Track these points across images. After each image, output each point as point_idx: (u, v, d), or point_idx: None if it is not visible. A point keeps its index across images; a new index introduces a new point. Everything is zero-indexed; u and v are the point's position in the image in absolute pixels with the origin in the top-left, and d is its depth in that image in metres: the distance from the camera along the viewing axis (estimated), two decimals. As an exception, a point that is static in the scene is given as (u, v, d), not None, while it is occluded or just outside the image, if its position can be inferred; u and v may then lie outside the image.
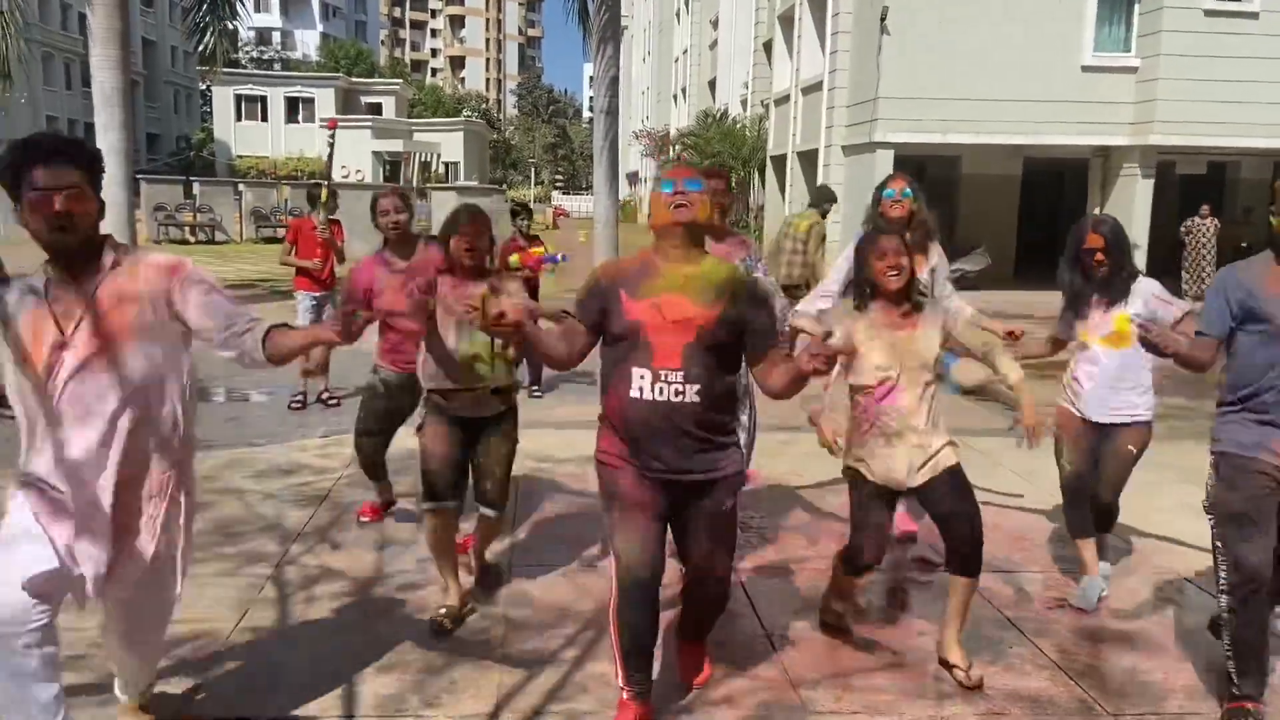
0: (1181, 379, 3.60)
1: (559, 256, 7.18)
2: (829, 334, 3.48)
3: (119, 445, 2.55)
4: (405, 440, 6.19)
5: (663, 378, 2.84)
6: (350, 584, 4.14)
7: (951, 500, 3.37)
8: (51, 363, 2.49)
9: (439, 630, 3.71)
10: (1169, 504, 5.45)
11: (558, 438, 6.66)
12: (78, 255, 2.52)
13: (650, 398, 2.85)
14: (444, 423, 3.81)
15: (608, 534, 3.05)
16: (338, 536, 4.69)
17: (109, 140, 11.54)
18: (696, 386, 2.84)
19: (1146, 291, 4.00)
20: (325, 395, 7.73)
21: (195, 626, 3.66)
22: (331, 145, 7.22)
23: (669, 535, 3.07)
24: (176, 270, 2.65)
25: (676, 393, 2.84)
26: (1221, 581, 3.15)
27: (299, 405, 7.52)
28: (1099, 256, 3.93)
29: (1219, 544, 3.18)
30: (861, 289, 3.50)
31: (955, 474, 3.40)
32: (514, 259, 7.02)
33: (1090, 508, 4.15)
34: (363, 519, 4.90)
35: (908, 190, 4.49)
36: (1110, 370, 4.00)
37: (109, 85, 11.51)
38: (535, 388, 8.33)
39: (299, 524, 4.84)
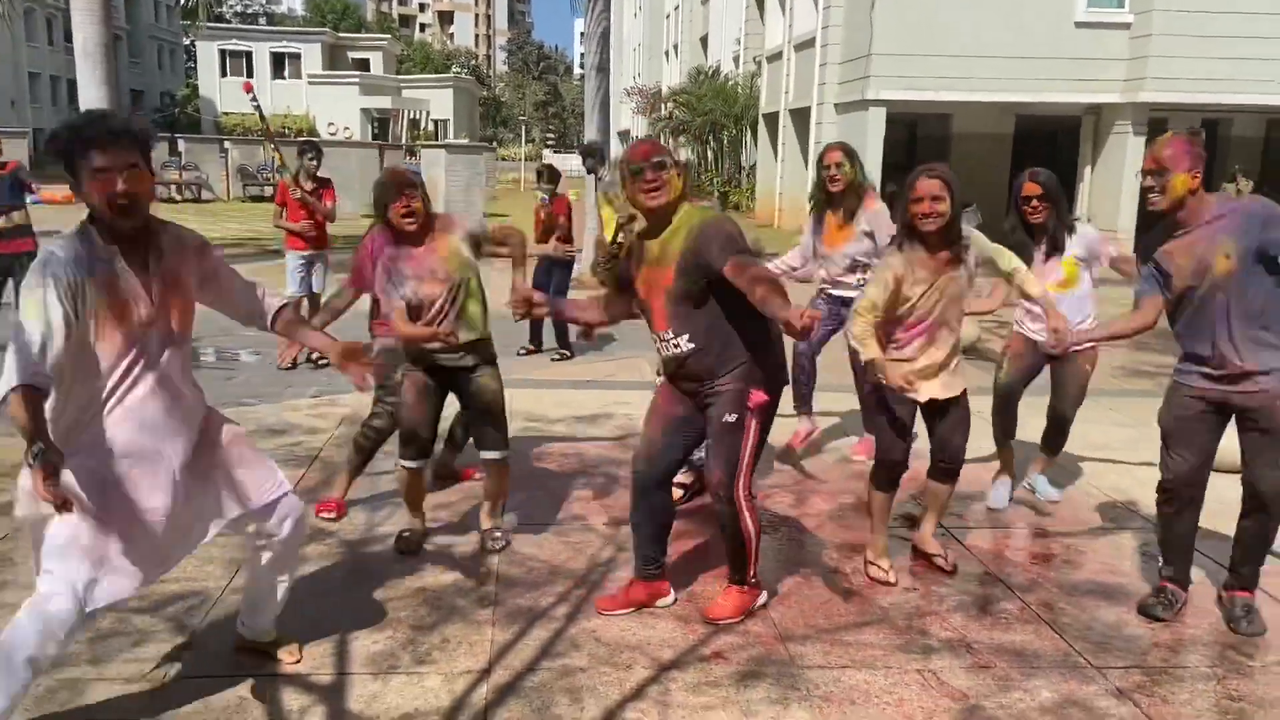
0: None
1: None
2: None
3: (182, 404, 2.74)
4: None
5: (662, 337, 3.37)
6: (341, 543, 4.16)
7: (951, 424, 3.86)
8: (139, 336, 2.59)
9: (404, 549, 4.05)
10: (1156, 459, 5.50)
11: (552, 397, 6.67)
12: (139, 231, 2.59)
13: (664, 353, 3.40)
14: (423, 376, 3.95)
15: None
16: (329, 496, 4.69)
17: (90, 96, 11.39)
18: (685, 335, 3.28)
19: (1086, 235, 4.49)
20: (316, 355, 7.71)
21: (186, 586, 3.67)
22: (256, 109, 7.19)
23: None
24: (206, 253, 2.80)
25: (674, 346, 3.32)
26: (1158, 480, 3.65)
27: (289, 365, 7.50)
28: (1035, 203, 4.36)
29: (1161, 451, 3.66)
30: (901, 231, 3.73)
31: (961, 403, 3.84)
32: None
33: (1050, 424, 4.77)
34: (323, 515, 4.41)
35: (842, 163, 4.99)
36: (1061, 311, 4.38)
37: (90, 40, 11.34)
38: (565, 351, 8.34)
39: (289, 484, 4.83)
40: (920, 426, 3.93)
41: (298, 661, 3.14)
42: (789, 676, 3.15)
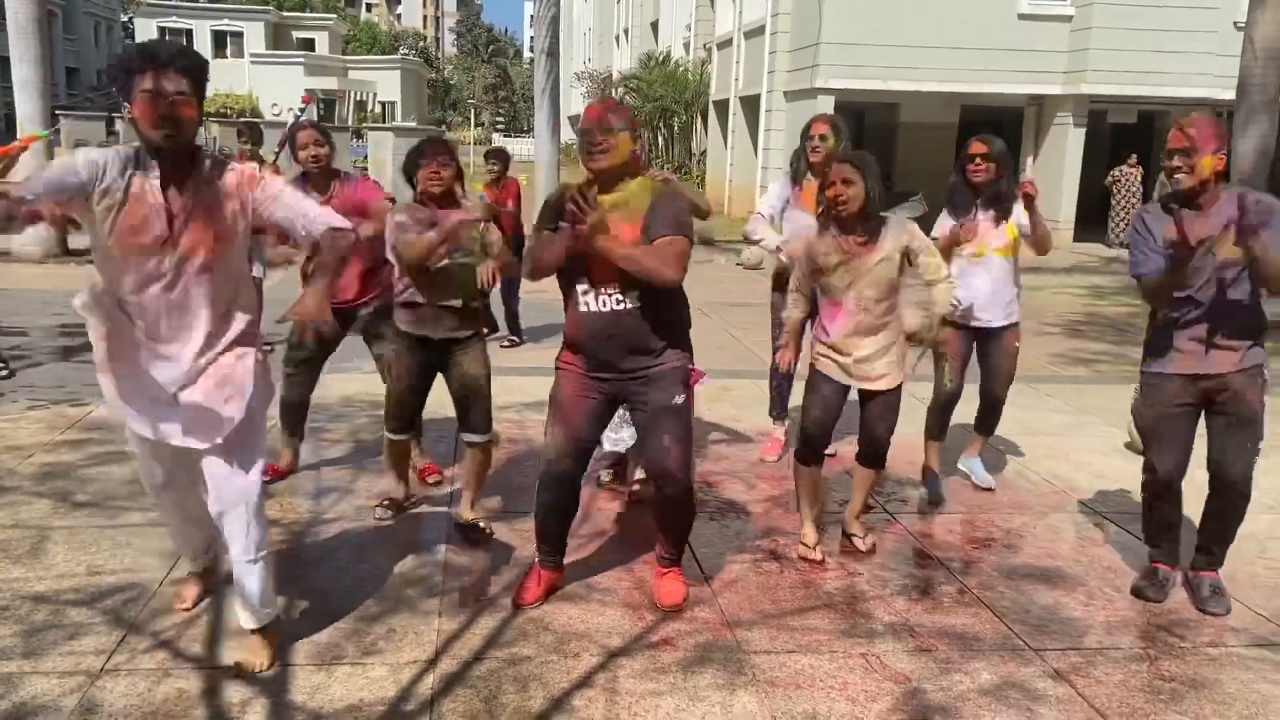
0: (1108, 325, 3.70)
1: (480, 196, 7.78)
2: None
3: (202, 331, 2.82)
4: (337, 388, 6.13)
5: (603, 291, 3.23)
6: (284, 532, 4.10)
7: (877, 413, 3.90)
8: (151, 254, 2.71)
9: (380, 518, 4.21)
10: (1092, 444, 5.64)
11: (499, 383, 6.61)
12: (180, 158, 2.72)
13: (596, 309, 3.25)
14: (413, 351, 3.99)
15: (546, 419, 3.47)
16: (270, 485, 4.62)
17: (23, 74, 11.09)
18: (635, 293, 3.22)
19: (1019, 209, 4.51)
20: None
21: (123, 578, 3.60)
22: (299, 117, 7.02)
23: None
24: (254, 181, 2.84)
25: (617, 302, 3.23)
26: (1143, 476, 3.71)
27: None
28: (978, 161, 4.42)
29: (1144, 449, 3.72)
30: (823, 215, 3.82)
31: (890, 395, 3.87)
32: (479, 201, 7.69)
33: (982, 403, 4.82)
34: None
35: (826, 135, 4.80)
36: (998, 276, 4.53)
37: (24, 16, 11.02)
38: (514, 338, 8.29)
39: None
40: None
41: (257, 670, 3.01)
42: (735, 662, 3.18)
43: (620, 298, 3.24)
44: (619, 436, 4.55)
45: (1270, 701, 3.05)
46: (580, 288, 3.29)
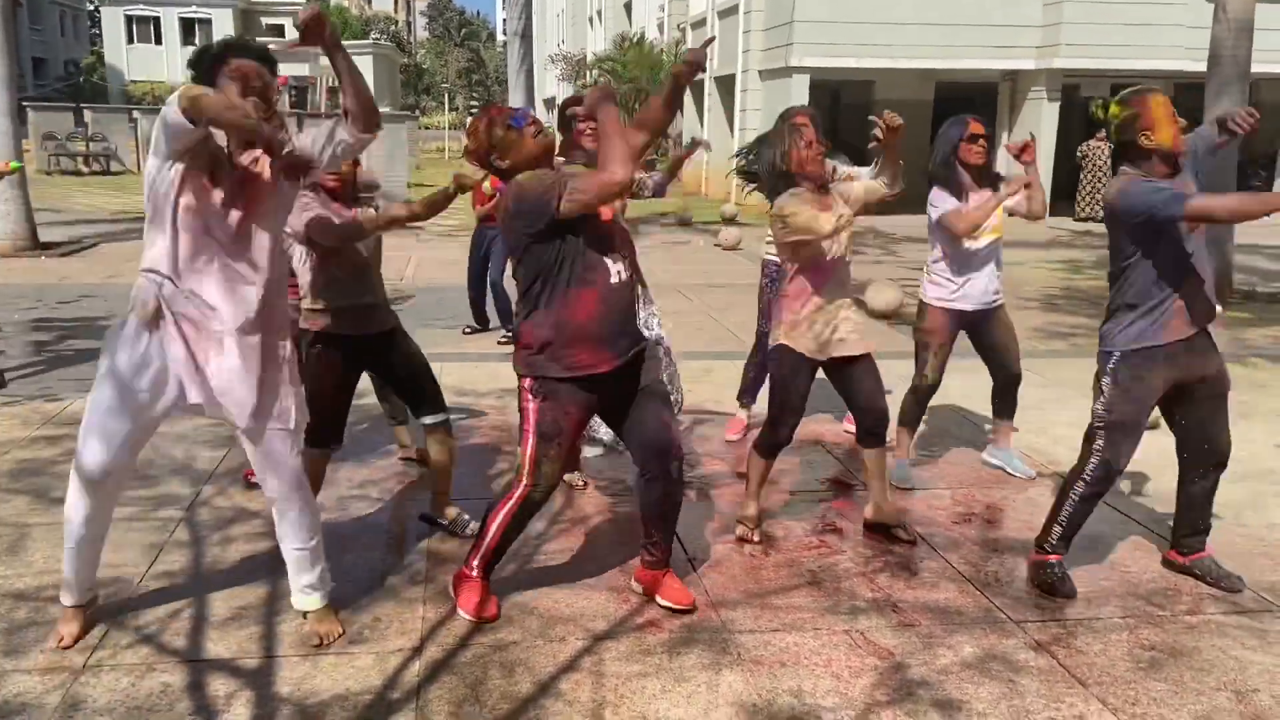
0: (1084, 299, 3.71)
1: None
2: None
3: (244, 298, 2.88)
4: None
5: (610, 265, 3.05)
6: (266, 524, 4.06)
7: (867, 381, 3.80)
8: (213, 214, 2.81)
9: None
10: (1071, 418, 5.66)
11: (480, 370, 6.61)
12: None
13: (619, 282, 3.06)
14: (336, 354, 3.73)
15: (538, 449, 3.14)
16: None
17: (-12, 66, 10.88)
18: (627, 260, 3.16)
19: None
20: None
21: (105, 572, 3.55)
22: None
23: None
24: (283, 167, 2.97)
25: (620, 274, 3.08)
26: (1087, 473, 3.51)
27: None
28: (981, 142, 4.36)
29: (1099, 444, 3.48)
30: (784, 176, 3.70)
31: (869, 359, 3.81)
32: (486, 187, 7.55)
33: (1001, 386, 4.72)
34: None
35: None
36: (986, 258, 4.47)
37: (-15, 6, 10.82)
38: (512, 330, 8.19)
39: (210, 465, 4.74)
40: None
41: (323, 644, 3.12)
42: (721, 642, 3.19)
43: (620, 268, 3.06)
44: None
45: (1248, 667, 3.09)
46: (609, 258, 3.01)
